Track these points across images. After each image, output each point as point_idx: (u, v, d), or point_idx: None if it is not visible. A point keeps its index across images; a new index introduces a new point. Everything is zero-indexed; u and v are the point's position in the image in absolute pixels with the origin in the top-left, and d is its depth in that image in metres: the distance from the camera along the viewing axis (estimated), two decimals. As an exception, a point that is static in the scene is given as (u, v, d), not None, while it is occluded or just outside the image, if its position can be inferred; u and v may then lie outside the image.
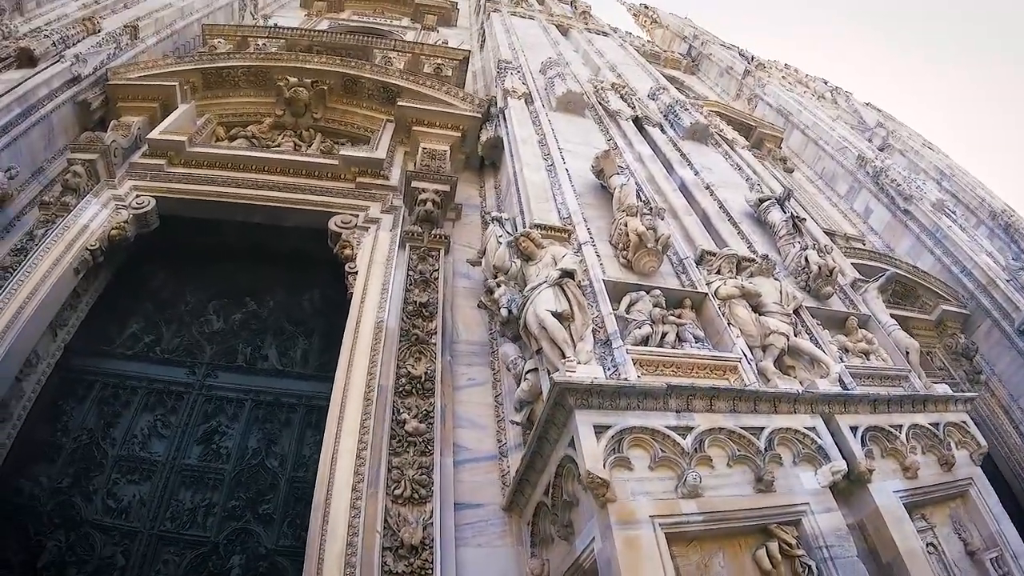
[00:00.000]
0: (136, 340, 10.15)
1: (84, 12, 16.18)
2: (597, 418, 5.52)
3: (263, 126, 13.31)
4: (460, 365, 8.41)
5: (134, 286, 10.91)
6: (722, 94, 27.14)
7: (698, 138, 12.86)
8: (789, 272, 9.33)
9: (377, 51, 15.83)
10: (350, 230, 10.29)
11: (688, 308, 7.64)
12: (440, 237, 9.99)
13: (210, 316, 10.61)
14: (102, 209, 10.46)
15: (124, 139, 11.66)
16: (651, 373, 6.40)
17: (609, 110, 12.81)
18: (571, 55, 17.94)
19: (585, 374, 5.86)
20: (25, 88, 11.54)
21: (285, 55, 14.33)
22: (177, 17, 17.79)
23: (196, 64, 13.70)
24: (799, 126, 23.02)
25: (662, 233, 8.08)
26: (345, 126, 13.60)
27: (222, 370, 9.70)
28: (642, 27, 38.43)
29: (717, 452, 5.76)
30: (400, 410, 7.40)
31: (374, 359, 7.94)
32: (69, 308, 9.70)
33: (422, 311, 8.70)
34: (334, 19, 24.74)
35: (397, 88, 13.20)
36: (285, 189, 11.25)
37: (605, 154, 9.52)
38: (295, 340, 10.33)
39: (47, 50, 12.78)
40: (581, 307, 6.70)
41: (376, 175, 11.51)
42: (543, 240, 7.77)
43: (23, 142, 11.13)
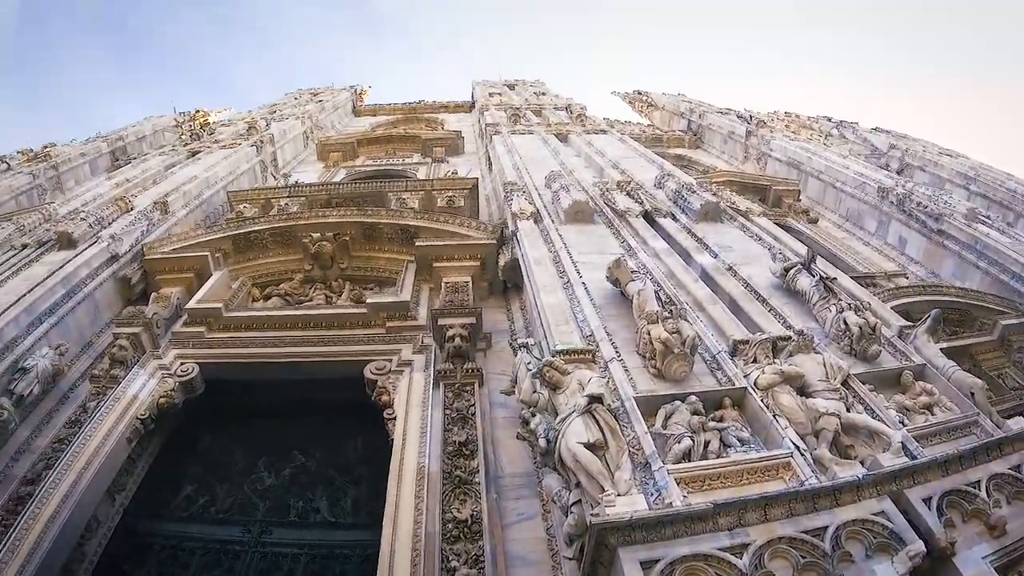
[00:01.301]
0: (191, 501, 10.46)
1: (117, 191, 17.73)
2: (644, 553, 5.27)
3: (294, 282, 13.90)
4: (507, 500, 8.19)
5: (185, 449, 11.29)
6: (730, 160, 27.26)
7: (711, 218, 12.74)
8: (831, 339, 8.93)
9: (391, 194, 16.31)
10: (385, 375, 10.44)
11: (729, 407, 7.31)
12: (472, 371, 9.99)
13: (260, 472, 10.84)
14: (149, 379, 11.03)
15: (164, 310, 12.45)
16: (698, 491, 6.11)
17: (617, 211, 12.85)
18: (573, 161, 18.22)
19: (625, 507, 5.62)
20: (67, 270, 12.54)
21: (306, 213, 14.96)
22: (203, 188, 18.88)
23: (224, 232, 14.50)
24: (813, 173, 22.76)
25: (687, 335, 7.84)
26: (371, 271, 14.05)
27: (275, 526, 9.83)
28: (639, 112, 39.19)
29: (780, 564, 5.38)
30: (449, 557, 7.26)
31: (419, 506, 7.89)
32: (125, 473, 10.07)
33: (462, 450, 8.62)
34: (350, 167, 25.70)
35: (413, 228, 13.67)
36: (319, 343, 11.62)
37: (616, 263, 9.45)
38: (344, 490, 10.39)
39: (85, 232, 13.99)
40: (614, 432, 6.49)
41: (404, 317, 11.75)
42: (567, 366, 7.60)
43: (70, 319, 11.99)
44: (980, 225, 16.65)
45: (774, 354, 8.16)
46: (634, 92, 40.97)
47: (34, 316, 11.38)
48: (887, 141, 26.49)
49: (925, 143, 26.49)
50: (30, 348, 10.90)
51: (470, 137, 28.57)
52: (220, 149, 23.26)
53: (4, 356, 10.54)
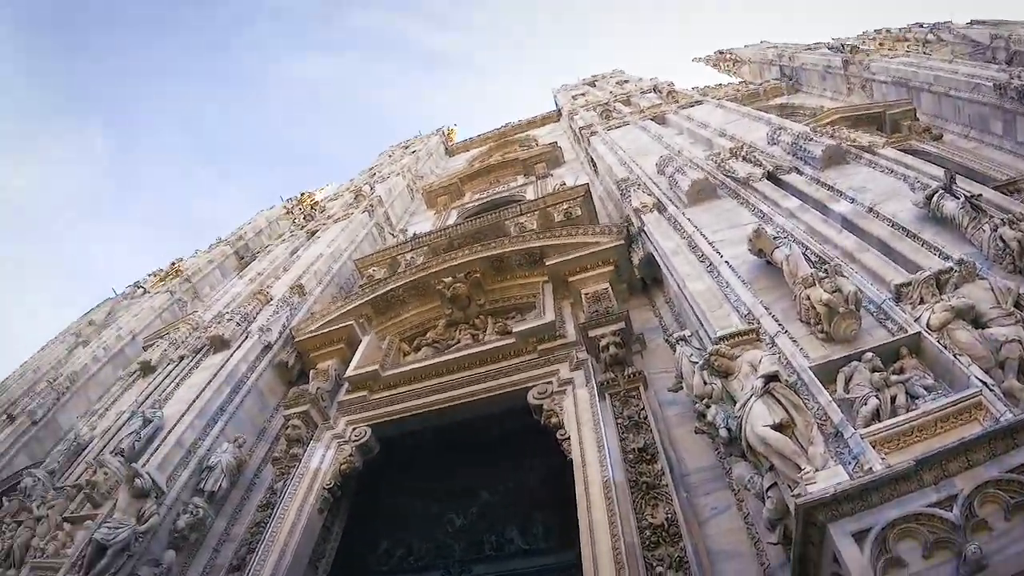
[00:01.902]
0: (389, 556, 11.01)
1: (252, 287, 19.10)
2: (853, 525, 5.17)
3: (439, 329, 14.38)
4: (698, 497, 8.13)
5: (374, 508, 11.83)
6: (835, 96, 26.02)
7: (836, 162, 12.20)
8: (992, 261, 8.37)
9: (508, 222, 16.60)
10: (548, 397, 10.58)
11: (907, 356, 7.01)
12: (634, 376, 10.02)
13: (450, 516, 11.22)
14: (327, 450, 11.69)
15: (326, 383, 13.35)
16: (895, 450, 5.94)
17: (739, 179, 12.51)
18: (678, 141, 17.88)
19: (826, 482, 5.56)
20: (228, 369, 13.51)
21: (433, 261, 15.43)
22: (331, 263, 19.78)
23: (362, 298, 15.24)
24: (923, 87, 21.30)
25: (849, 291, 7.56)
26: (508, 300, 14.32)
27: (474, 563, 10.21)
28: (727, 73, 38.04)
29: (991, 509, 5.13)
30: (653, 564, 7.27)
31: (612, 519, 7.91)
32: (322, 541, 10.64)
33: (643, 456, 8.62)
34: (460, 206, 26.18)
35: (539, 250, 13.89)
36: (478, 380, 11.93)
37: (756, 234, 9.24)
38: (532, 516, 10.56)
39: (234, 331, 15.11)
40: (798, 408, 6.38)
41: (553, 337, 11.90)
42: (734, 350, 7.52)
43: (241, 413, 12.89)
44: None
45: (939, 290, 7.76)
46: (715, 53, 39.89)
47: (207, 418, 12.22)
48: (987, 33, 24.77)
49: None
50: (210, 447, 11.72)
51: (565, 145, 28.63)
52: (335, 223, 24.26)
53: (188, 460, 11.37)
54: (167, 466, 10.95)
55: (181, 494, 10.71)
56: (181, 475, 10.99)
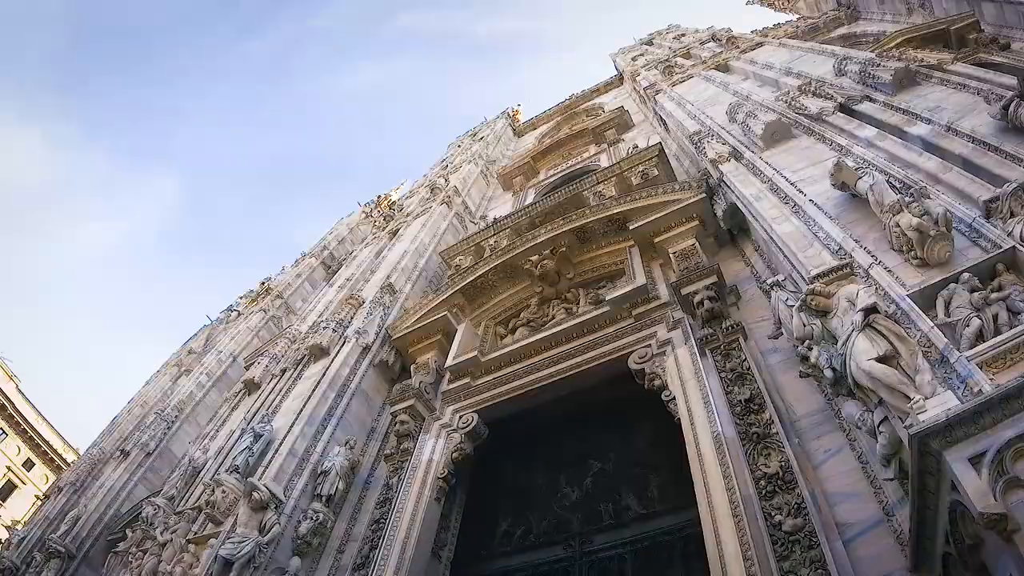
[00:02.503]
0: (509, 536, 11.25)
1: (343, 293, 19.56)
2: (969, 449, 5.08)
3: (532, 308, 14.55)
4: (810, 441, 8.08)
5: (487, 491, 12.20)
6: (896, 18, 24.86)
7: (907, 85, 11.86)
8: None
9: (587, 192, 16.68)
10: (649, 361, 10.68)
11: (1004, 272, 6.85)
12: (732, 327, 9.99)
13: (564, 489, 11.42)
14: (437, 440, 12.07)
15: (427, 376, 13.67)
16: (1003, 369, 5.82)
17: (812, 115, 12.26)
18: (744, 86, 17.54)
19: (936, 408, 5.49)
20: (331, 375, 13.87)
21: (517, 242, 15.53)
22: (417, 259, 20.09)
23: (453, 288, 15.51)
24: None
25: (938, 213, 7.42)
26: (597, 270, 14.40)
27: (594, 533, 10.30)
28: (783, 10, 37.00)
29: None
30: (772, 513, 7.30)
31: (726, 473, 7.97)
32: (443, 530, 11.05)
33: (750, 407, 8.64)
34: (536, 184, 26.40)
35: (621, 215, 13.87)
36: (577, 353, 12.10)
37: (837, 167, 9.11)
38: (646, 481, 10.65)
39: (332, 337, 15.47)
40: (901, 338, 6.32)
41: (647, 300, 11.94)
42: (829, 287, 7.48)
43: (349, 416, 13.25)
44: None
45: None
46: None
47: (316, 424, 12.55)
48: None
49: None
50: (323, 452, 12.07)
51: (632, 108, 28.24)
52: (415, 219, 24.51)
53: (302, 467, 11.72)
54: (282, 476, 11.31)
55: (299, 501, 11.09)
56: (297, 483, 11.35)
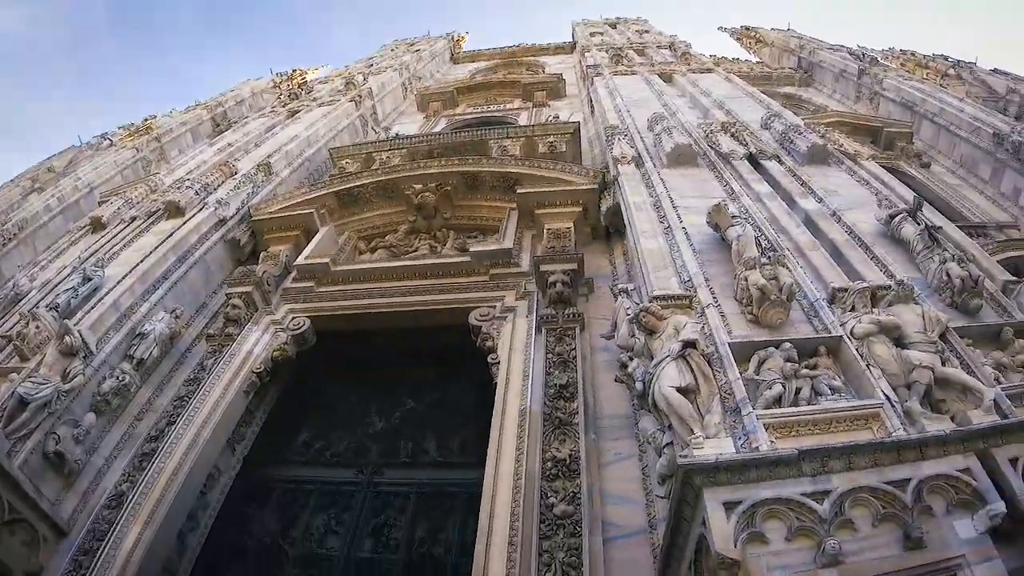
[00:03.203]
0: (308, 447, 11.24)
1: (220, 157, 18.45)
2: (727, 495, 5.45)
3: (399, 234, 14.33)
4: (606, 441, 8.51)
5: (301, 398, 12.01)
6: (842, 100, 26.14)
7: (818, 161, 12.36)
8: (932, 290, 8.72)
9: (492, 142, 16.44)
10: (489, 321, 10.79)
11: (824, 355, 7.31)
12: (573, 316, 10.22)
13: (372, 418, 11.47)
14: (263, 334, 11.77)
15: (274, 268, 13.24)
16: (786, 436, 6.22)
17: (721, 153, 12.59)
18: (677, 102, 17.83)
19: (712, 450, 5.83)
20: (177, 237, 13.29)
21: (408, 165, 15.34)
22: (305, 147, 19.43)
23: (328, 188, 15.02)
24: (927, 115, 21.65)
25: (785, 282, 7.80)
26: (474, 219, 14.37)
27: (387, 467, 10.48)
28: (747, 50, 37.82)
29: (860, 513, 5.48)
30: (548, 494, 7.65)
31: (520, 446, 8.26)
32: (244, 425, 10.90)
33: (563, 392, 8.93)
34: (451, 116, 25.97)
35: (515, 176, 13.82)
36: (425, 292, 12.05)
37: (716, 208, 9.35)
38: (452, 431, 10.87)
39: (191, 199, 14.73)
40: (706, 377, 6.68)
41: (507, 264, 12.04)
42: (664, 311, 7.74)
43: (183, 284, 12.75)
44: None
45: (873, 303, 8.03)
46: (742, 28, 39.52)
47: (148, 284, 12.02)
48: (1005, 84, 24.94)
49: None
50: (147, 314, 11.58)
51: (572, 80, 28.23)
52: (319, 107, 23.77)
53: (122, 323, 11.24)
54: (100, 327, 10.83)
55: (110, 358, 10.65)
56: (112, 338, 10.89)
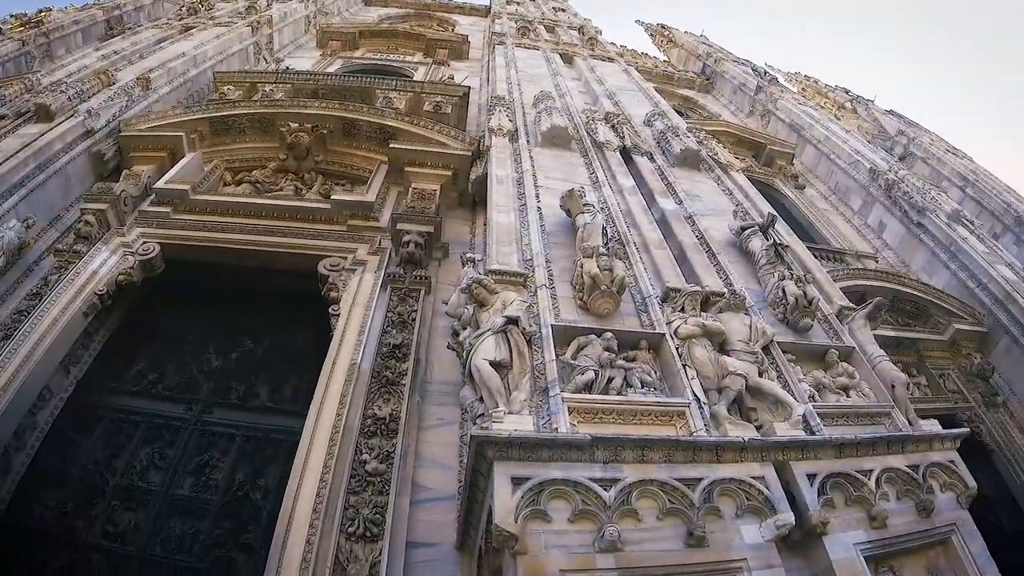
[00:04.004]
0: (141, 377, 10.64)
1: (103, 64, 17.08)
2: (517, 470, 5.48)
3: (267, 170, 13.72)
4: (431, 405, 8.46)
5: (143, 327, 11.41)
6: (736, 112, 26.86)
7: (689, 164, 12.64)
8: (768, 304, 9.07)
9: (379, 92, 16.02)
10: (337, 272, 10.54)
11: (645, 350, 7.46)
12: (421, 278, 10.10)
13: (209, 355, 11.03)
14: (111, 256, 11.08)
15: (134, 188, 12.30)
16: (589, 422, 6.27)
17: (597, 141, 12.68)
18: (570, 84, 17.86)
19: (509, 425, 5.82)
20: (40, 143, 12.28)
21: (287, 102, 14.71)
22: (190, 66, 18.37)
23: (202, 114, 14.19)
24: (812, 141, 22.56)
25: (618, 274, 7.88)
26: (346, 167, 13.89)
27: (217, 406, 10.13)
28: (659, 47, 38.37)
29: (647, 505, 5.61)
30: (363, 450, 7.56)
31: (343, 400, 8.15)
32: (81, 347, 10.29)
33: (396, 352, 8.82)
34: (347, 58, 25.03)
35: (392, 129, 13.45)
36: (281, 233, 11.62)
37: (569, 193, 9.38)
38: (287, 378, 10.57)
39: (63, 105, 13.55)
40: (521, 354, 6.68)
41: (367, 217, 11.73)
42: (497, 286, 7.72)
43: (40, 194, 11.84)
44: (961, 228, 16.77)
45: (704, 308, 8.28)
46: (658, 25, 39.96)
47: (3, 188, 11.28)
48: (897, 126, 26.28)
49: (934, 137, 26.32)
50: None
51: (478, 44, 27.60)
52: (214, 26, 22.40)
53: None
54: None
55: None
56: None
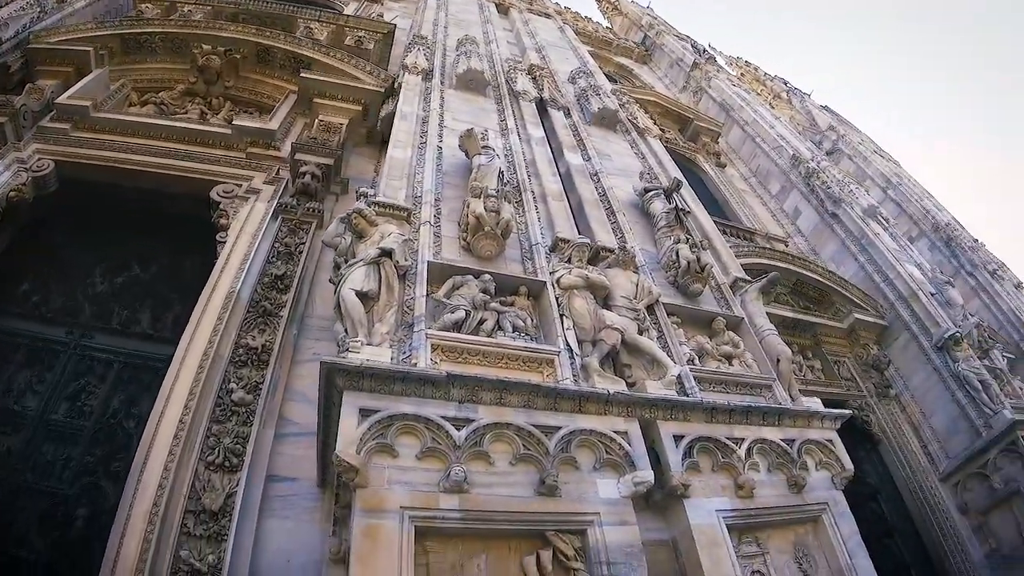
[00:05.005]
0: (26, 299, 10.23)
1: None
2: (367, 402, 5.29)
3: (175, 92, 13.16)
4: (308, 339, 8.27)
5: (33, 247, 10.94)
6: (670, 86, 26.75)
7: (606, 124, 12.49)
8: (662, 267, 8.99)
9: (301, 21, 15.43)
10: (229, 199, 10.17)
11: (524, 296, 7.31)
12: (314, 211, 9.82)
13: (96, 278, 10.62)
14: (4, 171, 10.47)
15: (36, 103, 11.64)
16: (452, 362, 6.08)
17: (513, 91, 12.41)
18: (501, 34, 17.44)
19: (364, 356, 5.60)
20: None
21: (203, 23, 14.14)
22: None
23: (114, 30, 13.52)
24: (739, 122, 22.61)
25: (504, 217, 7.70)
26: (257, 96, 13.42)
27: (98, 331, 9.77)
28: (604, 13, 37.97)
29: (501, 449, 5.48)
30: (231, 380, 7.41)
31: (217, 328, 7.94)
32: None
33: (277, 284, 8.62)
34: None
35: (307, 59, 13.07)
36: (180, 157, 11.17)
37: (467, 133, 9.10)
38: (171, 306, 10.22)
39: None
40: (390, 288, 6.46)
41: (268, 146, 11.34)
42: (378, 218, 7.44)
43: None
44: (874, 223, 17.00)
45: (593, 262, 8.16)
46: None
47: None
48: (829, 122, 26.68)
49: (864, 137, 26.91)
50: None
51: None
52: (146, -61, 21.46)
53: None
54: None
55: None
56: None
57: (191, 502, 6.38)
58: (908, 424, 13.62)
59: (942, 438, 13.18)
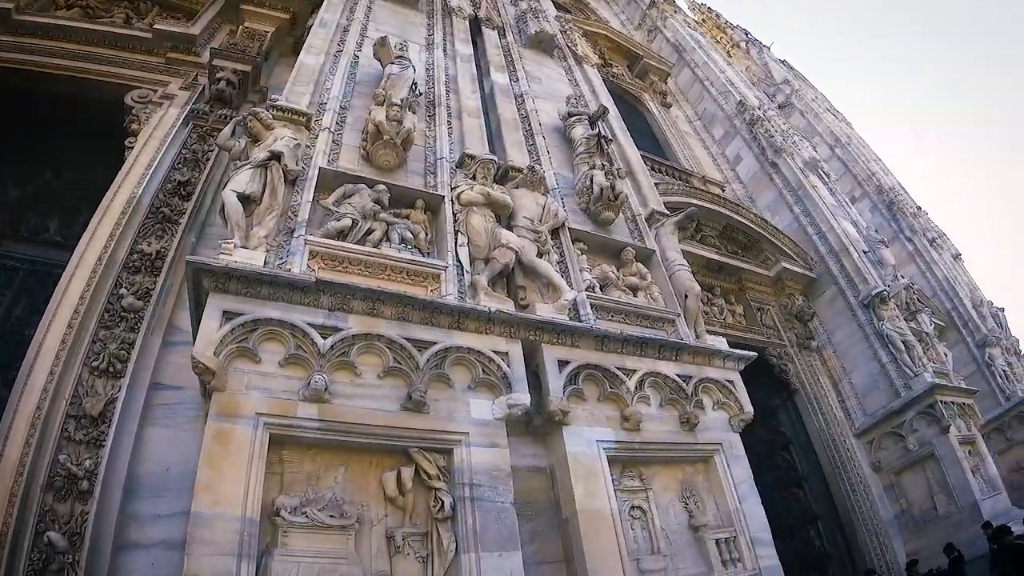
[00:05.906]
0: None
1: None
2: (232, 304, 5.12)
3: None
4: (208, 248, 7.96)
5: None
6: (625, 23, 26.19)
7: (543, 49, 12.17)
8: (576, 192, 8.83)
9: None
10: (143, 104, 9.83)
11: (421, 210, 7.12)
12: (226, 118, 9.36)
13: (7, 185, 10.25)
14: None
15: None
16: (332, 270, 5.92)
17: (448, 6, 11.90)
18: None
19: (235, 258, 5.39)
20: None
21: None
22: None
23: None
24: (690, 64, 22.30)
25: (405, 127, 7.44)
26: (185, 2, 12.65)
27: (6, 238, 9.49)
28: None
29: (370, 361, 5.35)
30: (123, 285, 7.28)
31: (114, 234, 7.74)
32: None
33: (180, 190, 8.40)
34: None
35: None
36: (100, 61, 10.74)
37: (381, 41, 8.73)
38: (80, 213, 9.70)
39: None
40: (274, 192, 6.23)
41: (188, 51, 10.90)
42: (275, 122, 7.13)
43: None
44: (814, 176, 17.02)
45: (502, 182, 7.96)
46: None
47: None
48: (784, 75, 26.46)
49: (819, 95, 26.85)
50: None
51: None
52: None
53: None
54: None
55: None
56: None
57: (73, 407, 6.31)
58: (827, 377, 13.83)
59: (860, 394, 13.43)
